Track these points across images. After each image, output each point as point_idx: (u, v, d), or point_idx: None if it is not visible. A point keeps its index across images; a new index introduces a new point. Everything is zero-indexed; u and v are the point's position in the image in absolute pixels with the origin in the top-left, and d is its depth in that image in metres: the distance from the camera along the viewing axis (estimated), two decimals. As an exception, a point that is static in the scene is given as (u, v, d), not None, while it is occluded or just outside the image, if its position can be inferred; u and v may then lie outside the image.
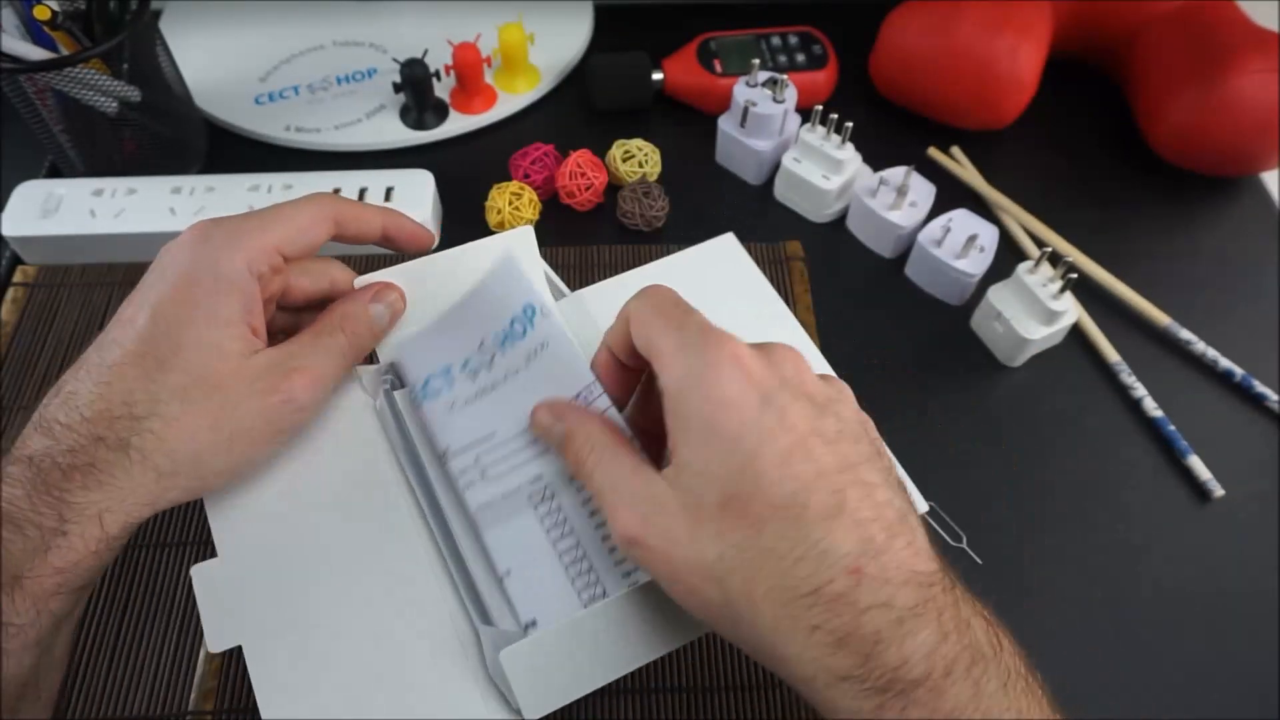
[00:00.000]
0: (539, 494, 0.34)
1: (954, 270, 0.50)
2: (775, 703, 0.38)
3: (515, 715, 0.31)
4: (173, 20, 0.62)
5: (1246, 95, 0.52)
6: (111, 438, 0.30)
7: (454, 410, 0.36)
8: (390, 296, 0.37)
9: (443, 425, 0.36)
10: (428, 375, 0.37)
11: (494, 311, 0.36)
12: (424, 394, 0.36)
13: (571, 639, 0.31)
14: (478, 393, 0.35)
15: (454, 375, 0.36)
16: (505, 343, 0.36)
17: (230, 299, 0.32)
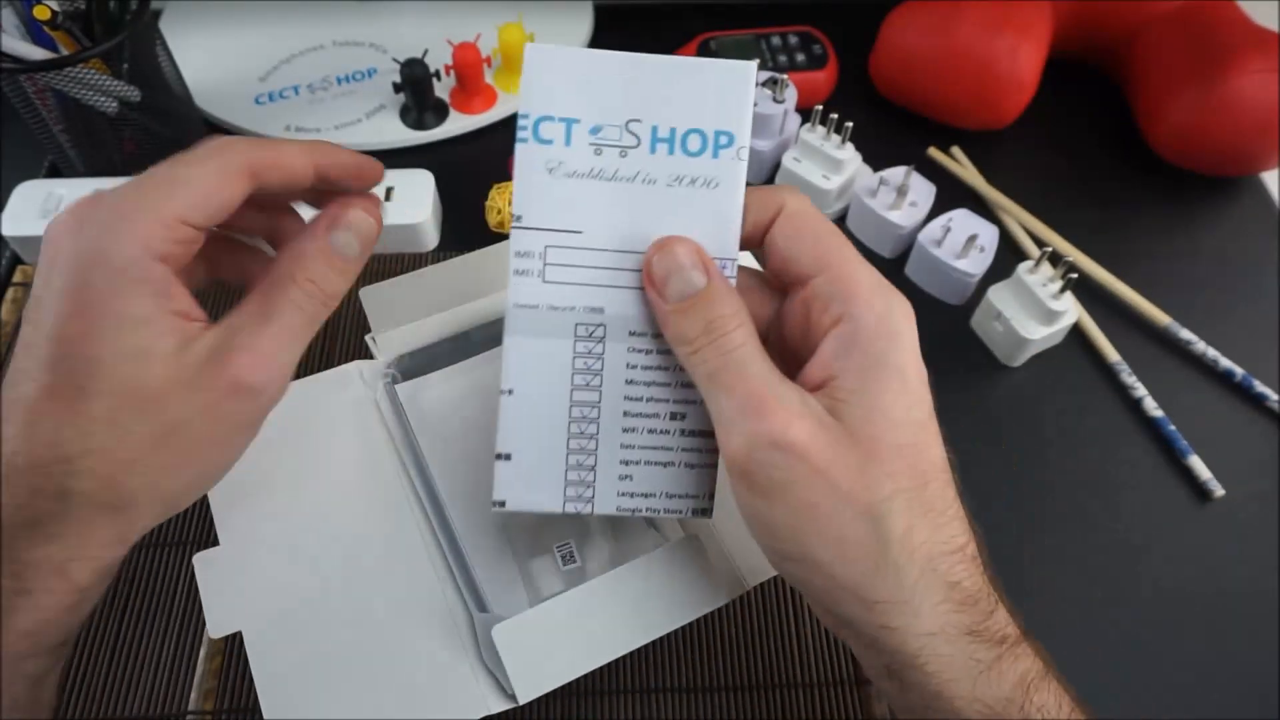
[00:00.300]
0: (589, 328, 0.29)
1: (954, 270, 0.50)
2: (775, 703, 0.38)
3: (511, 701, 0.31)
4: (173, 20, 0.62)
5: (1246, 95, 0.52)
6: (48, 487, 0.26)
7: (553, 175, 0.28)
8: (352, 215, 0.29)
9: (531, 182, 0.28)
10: (543, 115, 0.28)
11: (682, 101, 0.28)
12: (533, 134, 0.28)
13: (565, 617, 0.31)
14: (591, 172, 0.29)
15: (575, 135, 0.28)
16: (663, 144, 0.28)
17: (135, 293, 0.26)
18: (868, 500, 0.26)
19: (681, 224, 0.28)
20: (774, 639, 0.39)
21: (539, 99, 0.28)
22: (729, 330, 0.27)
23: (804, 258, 0.28)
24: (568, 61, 0.28)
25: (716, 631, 0.40)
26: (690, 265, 0.27)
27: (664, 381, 0.29)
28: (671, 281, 0.27)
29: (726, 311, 0.27)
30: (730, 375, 0.26)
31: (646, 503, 0.30)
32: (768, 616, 0.40)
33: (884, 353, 0.27)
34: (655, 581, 0.32)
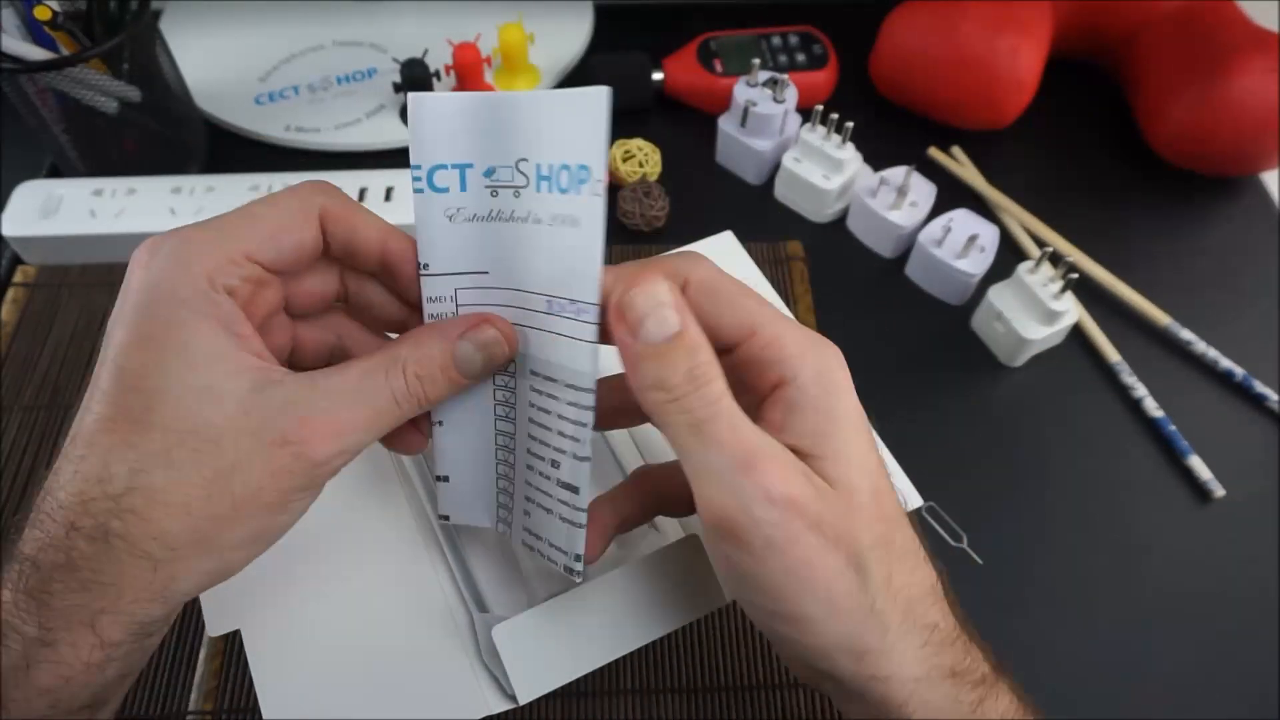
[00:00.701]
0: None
1: (954, 270, 0.50)
2: (775, 703, 0.38)
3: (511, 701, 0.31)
4: (173, 20, 0.62)
5: (1246, 95, 0.52)
6: (87, 524, 0.24)
7: (453, 221, 0.28)
8: (487, 333, 0.28)
9: (433, 230, 0.28)
10: (437, 164, 0.27)
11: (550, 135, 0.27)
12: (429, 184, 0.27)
13: (565, 617, 0.31)
14: (490, 215, 0.28)
15: (470, 179, 0.27)
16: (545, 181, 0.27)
17: (201, 326, 0.24)
18: (853, 550, 0.25)
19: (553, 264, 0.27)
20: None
21: (429, 148, 0.27)
22: (712, 379, 0.25)
23: (725, 327, 0.27)
24: (451, 107, 0.27)
25: (716, 631, 0.40)
26: (669, 304, 0.25)
27: (547, 425, 0.28)
28: (648, 321, 0.25)
29: (707, 358, 0.25)
30: (718, 427, 0.25)
31: (538, 545, 0.30)
32: (768, 616, 0.40)
33: (832, 407, 0.26)
34: (655, 581, 0.32)
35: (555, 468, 0.29)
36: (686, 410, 0.25)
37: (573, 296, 0.27)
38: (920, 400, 0.48)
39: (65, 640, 0.24)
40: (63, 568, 0.24)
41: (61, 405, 0.46)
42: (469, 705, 0.31)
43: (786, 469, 0.25)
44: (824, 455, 0.26)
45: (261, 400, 0.25)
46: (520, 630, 0.31)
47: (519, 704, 0.31)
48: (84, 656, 0.24)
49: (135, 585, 0.24)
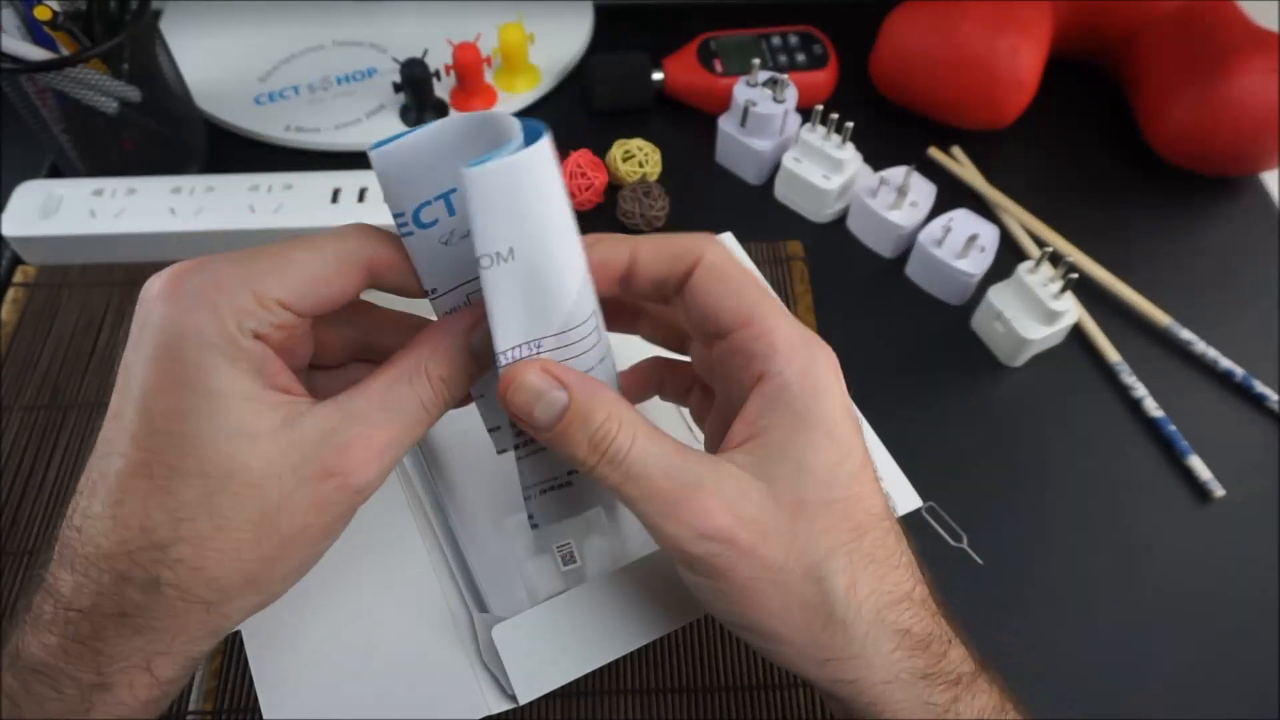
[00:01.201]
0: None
1: (954, 270, 0.50)
2: (775, 703, 0.38)
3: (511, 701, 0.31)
4: (173, 20, 0.62)
5: (1246, 95, 0.52)
6: (138, 576, 0.24)
7: (450, 244, 0.27)
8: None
9: (433, 260, 0.27)
10: (422, 202, 0.26)
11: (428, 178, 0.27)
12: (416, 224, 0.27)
13: (565, 617, 0.31)
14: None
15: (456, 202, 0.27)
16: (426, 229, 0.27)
17: (231, 370, 0.24)
18: (806, 563, 0.25)
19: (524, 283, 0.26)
20: (774, 639, 0.39)
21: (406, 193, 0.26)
22: (613, 436, 0.25)
23: (724, 312, 0.27)
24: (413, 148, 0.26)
25: (716, 631, 0.40)
26: (546, 387, 0.25)
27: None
28: (537, 412, 0.26)
29: (600, 418, 0.25)
30: (634, 485, 0.25)
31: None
32: (768, 616, 0.40)
33: (809, 409, 0.26)
34: (655, 581, 0.32)
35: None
36: (605, 477, 0.26)
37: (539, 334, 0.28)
38: (920, 400, 0.48)
39: (122, 683, 0.24)
40: (115, 617, 0.24)
41: (61, 405, 0.46)
42: (469, 705, 0.31)
43: (716, 497, 0.25)
44: (785, 459, 0.26)
45: (296, 436, 0.24)
46: (520, 630, 0.31)
47: (519, 704, 0.31)
48: (141, 696, 0.25)
49: (189, 628, 0.25)
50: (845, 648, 0.26)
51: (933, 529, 0.43)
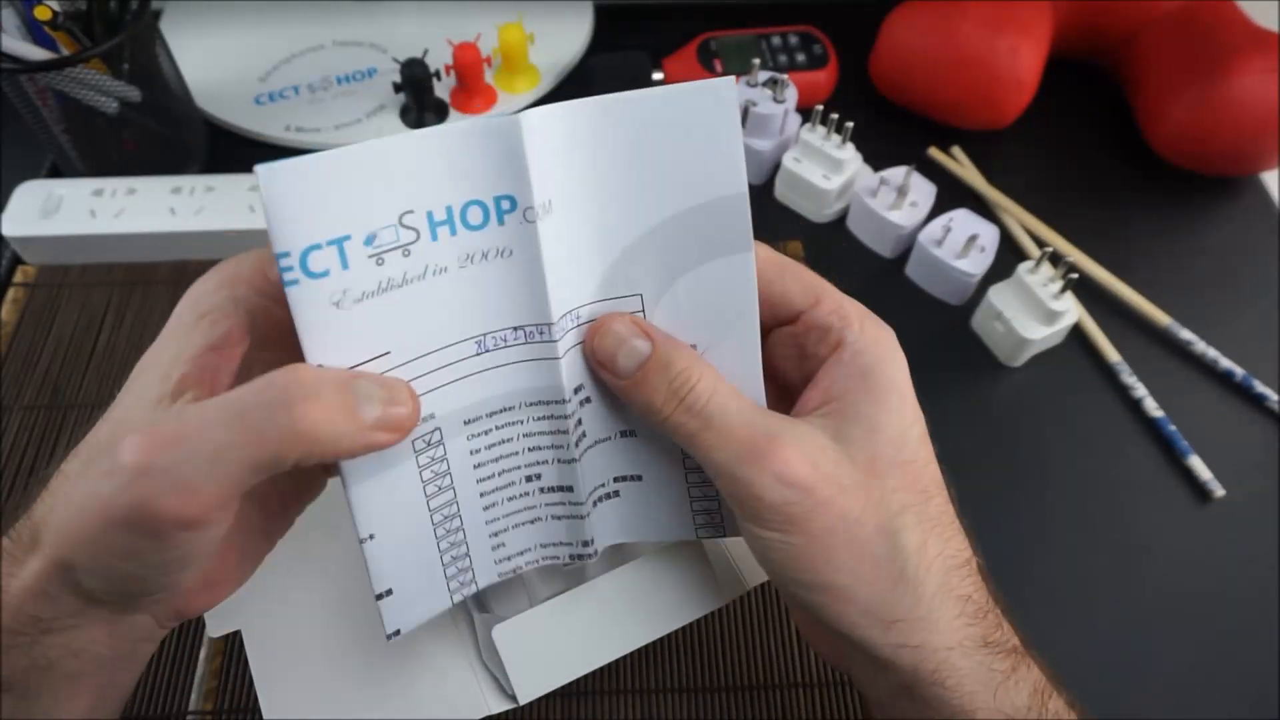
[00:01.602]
0: (425, 439, 0.27)
1: (954, 270, 0.50)
2: (775, 703, 0.38)
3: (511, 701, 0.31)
4: (173, 20, 0.62)
5: (1246, 95, 0.52)
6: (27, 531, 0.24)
7: (341, 307, 0.24)
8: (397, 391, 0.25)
9: (319, 328, 0.24)
10: (309, 245, 0.23)
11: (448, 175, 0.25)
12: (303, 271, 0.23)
13: (565, 617, 0.31)
14: (380, 287, 0.25)
15: (350, 253, 0.24)
16: (443, 226, 0.25)
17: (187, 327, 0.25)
18: (879, 518, 0.26)
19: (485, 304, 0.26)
20: (774, 639, 0.39)
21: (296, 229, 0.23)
22: (693, 384, 0.26)
23: (793, 294, 0.29)
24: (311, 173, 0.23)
25: (716, 631, 0.40)
26: (630, 335, 0.27)
27: (511, 451, 0.29)
28: (619, 358, 0.27)
29: (682, 365, 0.26)
30: (713, 432, 0.26)
31: (523, 559, 0.30)
32: (768, 616, 0.40)
33: (882, 373, 0.27)
34: (655, 581, 0.32)
35: (535, 480, 0.29)
36: (681, 425, 0.26)
37: (517, 323, 0.26)
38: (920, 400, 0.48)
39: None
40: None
41: (61, 405, 0.46)
42: (469, 705, 0.31)
43: (796, 448, 0.26)
44: (858, 420, 0.27)
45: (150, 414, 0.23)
46: (520, 630, 0.31)
47: (519, 704, 0.31)
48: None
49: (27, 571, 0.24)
50: (914, 608, 0.26)
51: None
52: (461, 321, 0.26)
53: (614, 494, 0.30)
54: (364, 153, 0.24)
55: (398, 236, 0.24)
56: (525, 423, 0.28)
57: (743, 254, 0.27)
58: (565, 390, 0.27)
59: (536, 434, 0.28)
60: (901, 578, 0.26)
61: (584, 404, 0.28)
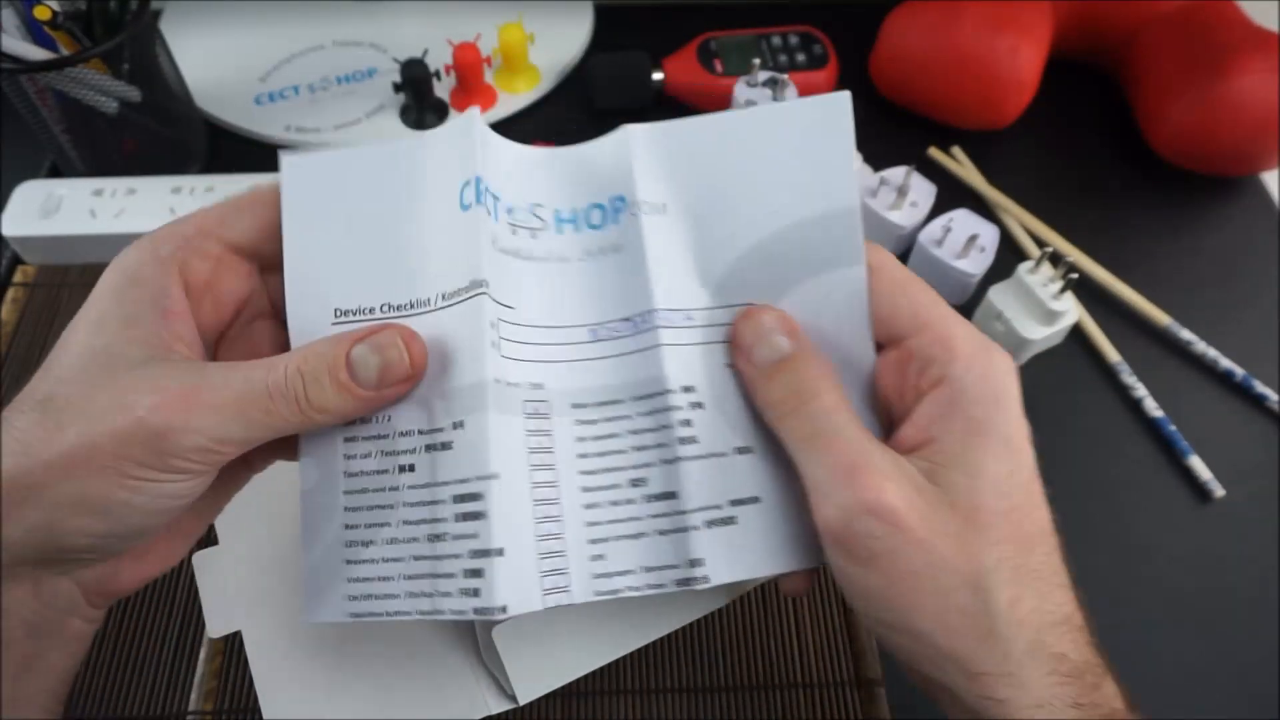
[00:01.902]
0: (534, 405, 0.27)
1: (954, 270, 0.50)
2: (775, 703, 0.38)
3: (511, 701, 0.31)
4: (173, 20, 0.62)
5: (1246, 95, 0.52)
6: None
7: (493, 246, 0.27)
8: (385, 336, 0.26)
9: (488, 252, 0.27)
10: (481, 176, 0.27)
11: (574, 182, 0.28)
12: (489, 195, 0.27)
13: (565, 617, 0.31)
14: (513, 251, 0.28)
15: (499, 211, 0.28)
16: (568, 224, 0.28)
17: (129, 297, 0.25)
18: (971, 570, 0.24)
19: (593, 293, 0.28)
20: (774, 639, 0.39)
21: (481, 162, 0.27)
22: (819, 393, 0.26)
23: (899, 317, 0.27)
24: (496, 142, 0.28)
25: (716, 631, 0.40)
26: (776, 330, 0.27)
27: (618, 449, 0.28)
28: (758, 348, 0.27)
29: (815, 374, 0.26)
30: (822, 440, 0.25)
31: (624, 580, 0.27)
32: (768, 616, 0.40)
33: (987, 416, 0.26)
34: None
35: (639, 485, 0.28)
36: (795, 426, 0.26)
37: (627, 314, 0.28)
38: (920, 400, 0.48)
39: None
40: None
41: (61, 405, 0.46)
42: (469, 705, 0.31)
43: (890, 480, 0.24)
44: (961, 467, 0.25)
45: (140, 371, 0.24)
46: (520, 630, 0.31)
47: (519, 704, 0.31)
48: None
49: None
50: (1001, 663, 0.25)
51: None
52: (578, 307, 0.28)
53: (730, 520, 0.27)
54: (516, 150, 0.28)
55: (528, 219, 0.28)
56: (632, 418, 0.28)
57: (855, 267, 0.27)
58: (673, 385, 0.27)
59: (643, 431, 0.28)
60: (990, 634, 0.24)
61: (696, 407, 0.28)
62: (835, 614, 0.40)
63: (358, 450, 0.28)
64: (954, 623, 0.24)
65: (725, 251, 0.28)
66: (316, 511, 0.28)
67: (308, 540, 0.27)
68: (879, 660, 0.39)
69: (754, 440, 0.28)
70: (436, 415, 0.27)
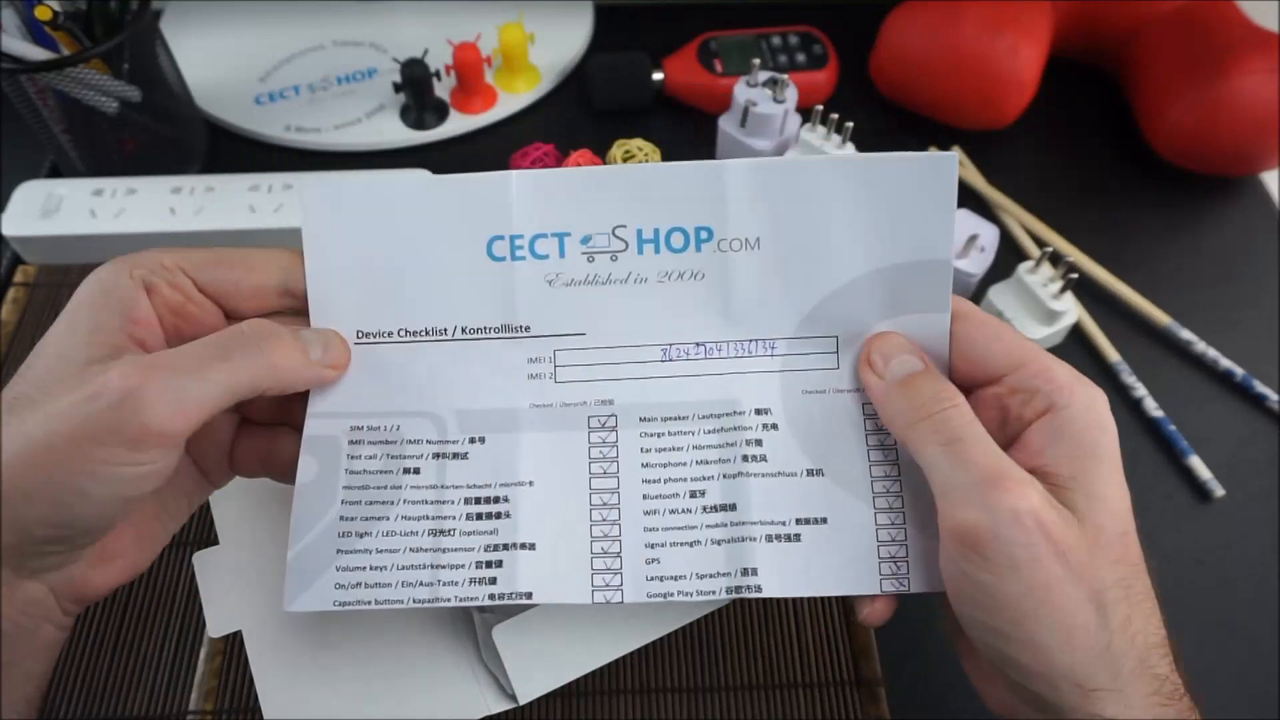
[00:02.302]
0: (600, 419, 0.30)
1: (954, 270, 0.50)
2: (775, 703, 0.38)
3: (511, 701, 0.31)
4: (173, 20, 0.62)
5: (1246, 95, 0.52)
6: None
7: (552, 286, 0.30)
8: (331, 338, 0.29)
9: (531, 297, 0.30)
10: (538, 232, 0.30)
11: (659, 203, 0.30)
12: (529, 251, 0.30)
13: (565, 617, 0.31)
14: (586, 280, 0.30)
15: (568, 246, 0.30)
16: (649, 244, 0.30)
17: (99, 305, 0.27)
18: (1095, 586, 0.25)
19: (669, 315, 0.30)
20: (774, 639, 0.39)
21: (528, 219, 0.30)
22: (955, 402, 0.27)
23: (995, 356, 0.28)
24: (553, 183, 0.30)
25: (716, 631, 0.40)
26: (906, 349, 0.29)
27: (680, 461, 0.30)
28: (891, 363, 0.29)
29: (946, 388, 0.28)
30: (962, 446, 0.26)
31: (677, 585, 0.29)
32: (768, 616, 0.40)
33: (1095, 441, 0.27)
34: None
35: (698, 497, 0.30)
36: (937, 428, 0.27)
37: (699, 340, 0.30)
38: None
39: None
40: None
41: (61, 405, 0.46)
42: (469, 705, 0.31)
43: (1036, 490, 0.25)
44: (1078, 489, 0.26)
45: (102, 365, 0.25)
46: (520, 630, 0.31)
47: (519, 704, 0.31)
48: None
49: None
50: (1113, 680, 0.25)
51: (933, 529, 0.43)
52: (653, 327, 0.30)
53: (794, 537, 0.29)
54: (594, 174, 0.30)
55: (608, 244, 0.30)
56: (696, 434, 0.30)
57: (940, 314, 0.29)
58: (744, 408, 0.30)
59: (706, 447, 0.30)
60: (1106, 650, 0.25)
61: (769, 429, 0.30)
62: (835, 614, 0.40)
63: (362, 452, 0.29)
64: (1076, 638, 0.25)
65: (816, 287, 0.30)
66: (311, 504, 0.29)
67: (297, 530, 0.29)
68: (879, 660, 0.39)
69: (827, 464, 0.30)
70: (449, 429, 0.30)
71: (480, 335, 0.30)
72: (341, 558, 0.29)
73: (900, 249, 0.29)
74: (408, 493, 0.29)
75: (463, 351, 0.30)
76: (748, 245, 0.30)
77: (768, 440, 0.30)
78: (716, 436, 0.30)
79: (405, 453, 0.30)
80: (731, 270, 0.30)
